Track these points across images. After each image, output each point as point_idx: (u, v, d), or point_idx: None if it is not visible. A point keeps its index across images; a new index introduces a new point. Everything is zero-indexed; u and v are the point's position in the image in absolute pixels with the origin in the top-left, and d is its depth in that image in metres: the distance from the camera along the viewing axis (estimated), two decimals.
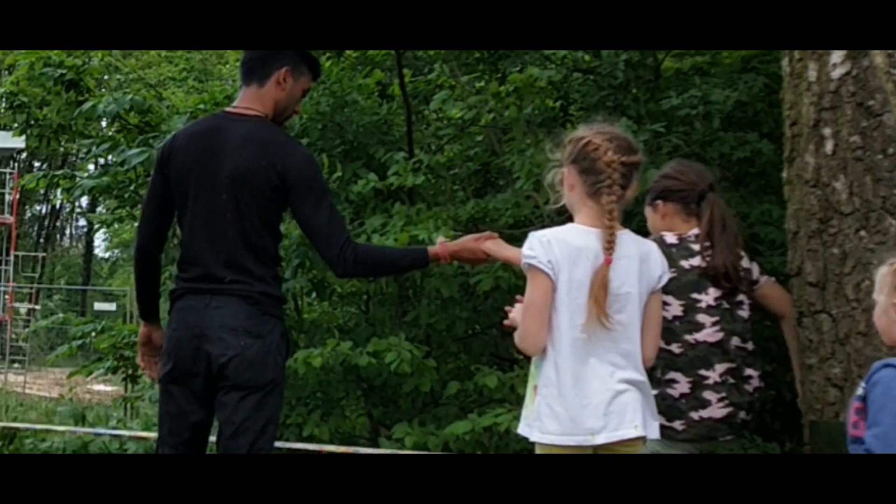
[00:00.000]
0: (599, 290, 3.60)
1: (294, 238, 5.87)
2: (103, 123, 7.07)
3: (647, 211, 4.52)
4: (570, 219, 3.90)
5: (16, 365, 25.73)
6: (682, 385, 3.90)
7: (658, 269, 3.75)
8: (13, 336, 26.36)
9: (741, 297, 4.18)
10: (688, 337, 3.97)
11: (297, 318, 6.46)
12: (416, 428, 5.62)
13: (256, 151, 4.09)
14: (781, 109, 4.32)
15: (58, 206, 39.09)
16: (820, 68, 4.01)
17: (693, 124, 5.82)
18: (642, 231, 4.10)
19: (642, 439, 3.69)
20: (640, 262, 3.68)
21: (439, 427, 5.63)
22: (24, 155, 34.06)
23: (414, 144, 6.23)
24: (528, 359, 5.24)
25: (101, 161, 7.34)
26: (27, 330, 25.85)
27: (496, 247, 4.20)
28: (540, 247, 3.64)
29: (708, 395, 3.92)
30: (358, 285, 6.35)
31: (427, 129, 6.68)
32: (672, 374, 3.94)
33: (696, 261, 4.08)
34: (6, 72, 12.68)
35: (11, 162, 29.01)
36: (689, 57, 6.47)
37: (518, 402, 5.27)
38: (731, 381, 3.94)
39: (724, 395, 3.92)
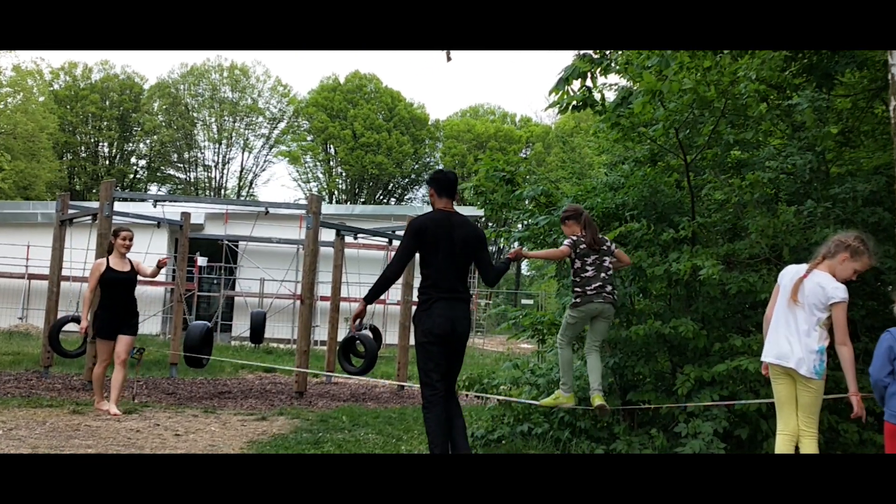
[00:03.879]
0: (794, 292, 5.03)
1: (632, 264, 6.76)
2: (526, 202, 7.95)
3: (563, 227, 6.74)
4: (797, 260, 5.58)
5: (478, 332, 30.30)
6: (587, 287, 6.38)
7: (828, 295, 4.96)
8: (478, 317, 31.34)
9: (606, 258, 6.55)
10: (584, 274, 6.45)
11: (631, 308, 7.29)
12: (696, 368, 6.48)
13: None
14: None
15: (501, 247, 46.79)
16: None
17: (847, 202, 6.38)
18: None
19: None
20: (819, 287, 4.98)
21: (709, 367, 6.43)
22: (483, 220, 40.49)
23: (695, 213, 6.99)
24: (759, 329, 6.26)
25: (525, 222, 8.13)
26: (485, 314, 31.77)
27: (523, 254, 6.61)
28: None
29: (590, 291, 6.39)
30: (665, 290, 7.14)
31: (702, 205, 7.29)
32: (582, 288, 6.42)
33: (584, 244, 6.48)
34: (474, 174, 14.80)
35: (476, 224, 35.36)
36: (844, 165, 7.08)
37: (753, 354, 6.16)
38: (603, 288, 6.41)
39: (598, 290, 6.39)
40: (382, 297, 22.57)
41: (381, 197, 58.91)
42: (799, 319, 5.01)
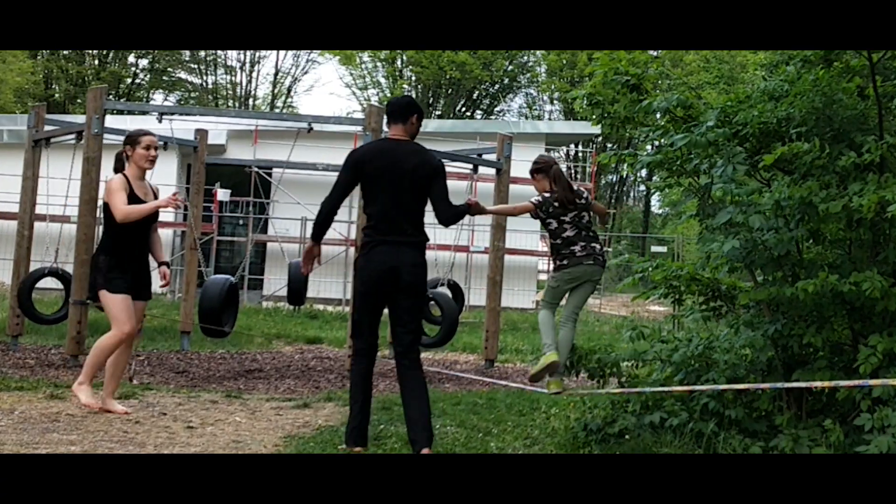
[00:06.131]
0: None
1: (797, 199, 6.77)
2: (657, 115, 7.93)
3: (532, 182, 8.16)
4: None
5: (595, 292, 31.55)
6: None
7: None
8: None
9: (585, 213, 8.01)
10: (564, 234, 7.90)
11: (798, 258, 7.35)
12: (885, 338, 6.53)
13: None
14: None
15: (624, 175, 49.88)
16: None
17: None
18: None
19: None
20: None
21: None
22: (599, 139, 41.05)
23: (883, 131, 6.93)
24: None
25: (656, 143, 8.20)
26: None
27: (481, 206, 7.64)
28: None
29: (579, 252, 7.86)
30: (843, 234, 7.15)
31: (893, 120, 7.21)
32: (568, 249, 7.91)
33: (555, 203, 7.89)
34: (587, 78, 14.84)
35: (591, 144, 35.43)
36: None
37: None
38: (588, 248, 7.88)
39: (587, 251, 7.90)
40: (465, 244, 22.75)
41: (464, 109, 58.77)
42: None
